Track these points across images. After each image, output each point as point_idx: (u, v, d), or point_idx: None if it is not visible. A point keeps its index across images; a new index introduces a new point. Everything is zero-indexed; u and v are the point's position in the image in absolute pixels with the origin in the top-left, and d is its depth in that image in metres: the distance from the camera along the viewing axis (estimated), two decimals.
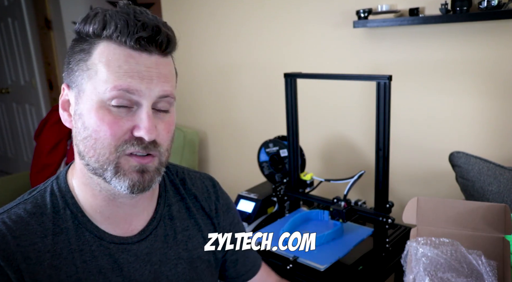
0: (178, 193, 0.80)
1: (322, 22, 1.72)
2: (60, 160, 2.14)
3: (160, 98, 0.63)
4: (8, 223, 0.63)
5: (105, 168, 0.62)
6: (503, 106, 1.38)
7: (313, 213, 1.41)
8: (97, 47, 0.61)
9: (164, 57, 0.64)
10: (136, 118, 0.61)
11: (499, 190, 1.18)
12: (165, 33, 0.62)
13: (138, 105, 0.61)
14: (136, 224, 0.72)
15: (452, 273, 0.76)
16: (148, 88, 0.61)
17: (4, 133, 3.98)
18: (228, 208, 0.88)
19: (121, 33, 0.59)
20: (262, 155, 1.60)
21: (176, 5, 2.28)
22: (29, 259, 0.62)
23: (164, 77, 0.63)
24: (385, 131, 1.19)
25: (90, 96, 0.61)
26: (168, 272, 0.74)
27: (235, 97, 2.15)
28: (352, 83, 1.68)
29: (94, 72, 0.61)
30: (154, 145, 0.63)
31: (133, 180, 0.62)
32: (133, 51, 0.60)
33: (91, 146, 0.61)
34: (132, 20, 0.60)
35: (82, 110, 0.62)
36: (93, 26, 0.61)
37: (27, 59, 3.35)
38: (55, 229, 0.66)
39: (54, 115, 2.15)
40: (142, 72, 0.60)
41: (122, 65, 0.60)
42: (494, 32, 1.34)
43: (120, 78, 0.60)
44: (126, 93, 0.60)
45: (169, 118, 0.66)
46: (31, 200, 0.67)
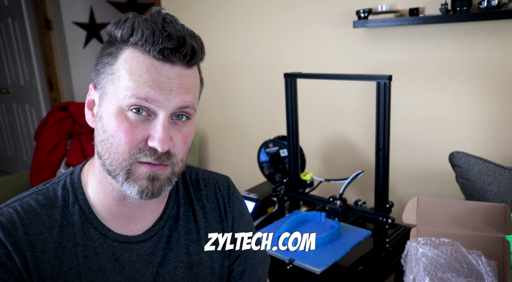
0: (187, 195, 0.80)
1: (322, 22, 1.72)
2: (60, 160, 2.14)
3: (179, 109, 0.63)
4: (19, 211, 0.66)
5: (118, 172, 0.63)
6: (503, 106, 1.38)
7: (310, 215, 1.40)
8: (123, 53, 0.62)
9: (188, 68, 0.64)
10: (152, 128, 0.62)
11: (499, 190, 1.18)
12: (190, 45, 0.62)
13: (155, 115, 0.62)
14: (142, 224, 0.72)
15: (452, 273, 0.76)
16: (166, 99, 0.61)
17: (4, 133, 3.98)
18: (240, 214, 0.84)
19: (146, 41, 0.60)
20: (262, 155, 1.60)
21: (176, 5, 2.28)
22: (34, 247, 0.64)
23: (185, 88, 0.63)
24: (385, 131, 1.19)
25: (111, 101, 0.62)
26: (165, 274, 0.73)
27: (235, 97, 2.15)
28: (352, 83, 1.68)
29: (117, 77, 0.62)
30: (167, 156, 0.63)
31: (143, 187, 0.63)
32: (156, 61, 0.61)
33: (107, 149, 0.63)
34: (159, 29, 0.60)
35: (102, 113, 0.64)
36: (122, 31, 0.62)
37: (27, 59, 3.35)
38: (63, 221, 0.68)
39: (54, 115, 2.15)
40: (163, 83, 0.61)
41: (144, 74, 0.60)
42: (494, 32, 1.34)
43: (140, 86, 0.60)
44: (144, 101, 0.60)
45: (188, 129, 0.66)
46: (44, 192, 0.70)
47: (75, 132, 2.13)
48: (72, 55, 3.11)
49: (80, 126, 2.12)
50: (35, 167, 2.13)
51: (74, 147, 2.12)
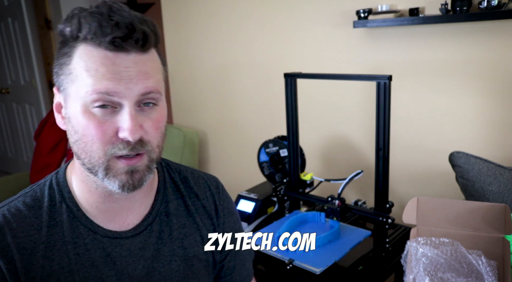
0: (177, 190, 0.80)
1: (322, 22, 1.72)
2: (60, 160, 2.14)
3: (143, 96, 0.62)
4: (7, 216, 0.66)
5: (97, 169, 0.63)
6: (503, 106, 1.38)
7: (310, 215, 1.40)
8: (76, 51, 0.61)
9: (144, 53, 0.62)
10: (120, 119, 0.61)
11: (499, 190, 1.18)
12: (140, 30, 0.60)
13: (121, 106, 0.61)
14: (131, 219, 0.73)
15: (452, 273, 0.76)
16: (127, 88, 0.60)
17: (4, 133, 3.98)
18: (230, 212, 0.86)
19: (95, 35, 0.59)
20: (262, 155, 1.60)
21: (176, 5, 2.28)
22: (24, 250, 0.65)
23: (144, 74, 0.62)
24: (385, 131, 1.19)
25: (75, 100, 0.62)
26: (161, 268, 0.74)
27: (235, 97, 2.15)
28: (352, 83, 1.68)
29: (75, 76, 0.61)
30: (141, 144, 0.63)
31: (123, 181, 0.64)
32: (109, 52, 0.60)
33: (82, 149, 0.63)
34: (106, 20, 0.59)
35: (70, 114, 0.64)
36: (70, 28, 0.61)
37: (27, 59, 3.35)
38: (50, 221, 0.68)
39: (54, 115, 2.15)
40: (120, 73, 0.60)
41: (99, 68, 0.59)
42: (494, 32, 1.34)
43: (98, 81, 0.59)
44: (106, 95, 0.60)
45: (157, 114, 0.65)
46: (31, 193, 0.70)
47: None
48: None
49: None
50: (35, 167, 2.13)
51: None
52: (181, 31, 2.30)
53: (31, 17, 3.21)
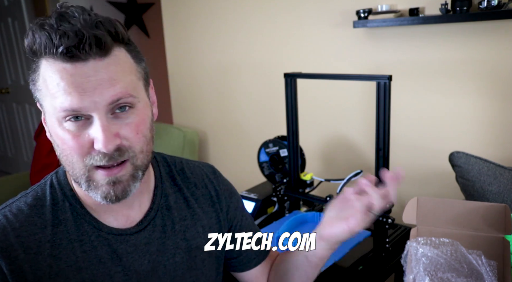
0: (175, 184, 0.80)
1: (322, 22, 1.72)
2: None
3: (112, 104, 0.59)
4: (9, 216, 0.66)
5: (79, 181, 0.63)
6: (503, 106, 1.38)
7: (309, 215, 1.40)
8: (40, 66, 0.59)
9: (104, 57, 0.58)
10: (93, 131, 0.59)
11: (499, 190, 1.18)
12: (91, 34, 0.56)
13: (91, 117, 0.59)
14: (134, 216, 0.73)
15: (452, 273, 0.76)
16: (92, 101, 0.57)
17: (4, 133, 3.98)
18: (231, 193, 0.87)
19: (47, 48, 0.56)
20: (262, 155, 1.60)
21: (176, 5, 2.28)
22: (29, 249, 0.64)
23: (108, 81, 0.58)
24: (385, 131, 1.19)
25: (50, 116, 0.61)
26: (166, 262, 0.75)
27: (235, 97, 2.15)
28: (352, 83, 1.68)
29: (44, 93, 0.60)
30: (119, 154, 0.61)
31: (105, 193, 0.62)
32: (66, 64, 0.57)
33: (65, 161, 0.63)
34: (54, 31, 0.56)
35: (50, 128, 0.64)
36: (29, 44, 0.59)
37: (27, 59, 3.34)
38: (54, 220, 0.68)
39: None
40: (81, 85, 0.57)
41: (60, 82, 0.57)
42: (494, 32, 1.34)
43: (62, 97, 0.57)
44: (72, 111, 0.58)
45: (136, 118, 0.62)
46: (32, 193, 0.70)
47: None
48: None
49: None
50: (35, 167, 2.13)
51: None
52: (181, 31, 2.30)
53: (31, 17, 3.21)
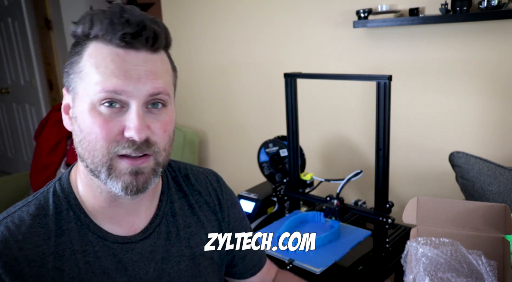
0: (180, 190, 0.80)
1: (322, 22, 1.72)
2: (60, 160, 2.14)
3: (152, 97, 0.62)
4: (11, 227, 0.63)
5: (99, 169, 0.62)
6: (503, 106, 1.38)
7: (310, 215, 1.40)
8: (87, 48, 0.61)
9: (154, 53, 0.62)
10: (127, 118, 0.60)
11: (499, 190, 1.18)
12: (151, 28, 0.60)
13: (128, 105, 0.61)
14: (138, 223, 0.72)
15: (452, 273, 0.76)
16: (136, 88, 0.60)
17: (4, 133, 3.98)
18: (233, 203, 0.87)
19: (106, 31, 0.59)
20: (262, 156, 1.60)
21: (176, 5, 2.28)
22: (33, 262, 0.62)
23: (153, 74, 0.61)
24: (385, 131, 1.19)
25: (82, 98, 0.61)
26: (170, 270, 0.73)
27: (235, 97, 2.15)
28: (352, 83, 1.68)
29: (85, 74, 0.61)
30: (147, 145, 0.61)
31: (126, 182, 0.62)
32: (120, 49, 0.60)
33: (86, 148, 0.62)
34: (117, 17, 0.59)
35: (77, 113, 0.63)
36: (82, 27, 0.61)
37: (27, 59, 3.35)
38: (57, 230, 0.65)
39: (54, 115, 2.15)
40: (129, 71, 0.59)
41: (109, 64, 0.59)
42: (494, 32, 1.34)
43: (107, 79, 0.59)
44: (114, 94, 0.59)
45: (166, 116, 0.64)
46: (34, 202, 0.67)
47: None
48: None
49: None
50: (35, 167, 2.13)
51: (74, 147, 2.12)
52: (181, 31, 2.30)
53: (31, 17, 3.21)
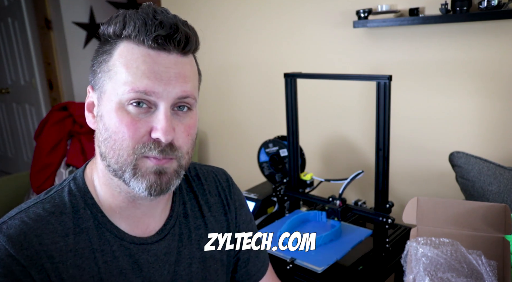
0: (191, 190, 0.80)
1: (322, 22, 1.72)
2: (60, 160, 2.14)
3: (180, 99, 0.62)
4: (28, 222, 0.62)
5: (124, 169, 0.62)
6: (503, 106, 1.38)
7: (311, 214, 1.40)
8: (118, 48, 0.62)
9: (184, 56, 0.63)
10: (154, 119, 0.61)
11: (499, 190, 1.18)
12: (183, 31, 0.61)
13: (156, 106, 0.61)
14: (154, 225, 0.72)
15: (452, 273, 0.76)
16: (166, 90, 0.60)
17: (4, 133, 3.97)
18: (241, 204, 0.87)
19: (139, 32, 0.60)
20: (262, 156, 1.60)
21: (176, 5, 2.28)
22: (52, 258, 0.62)
23: (183, 77, 0.62)
24: (385, 131, 1.19)
25: (110, 97, 0.62)
26: (182, 272, 0.74)
27: (235, 97, 2.15)
28: (352, 83, 1.68)
29: (114, 73, 0.61)
30: (171, 148, 0.62)
31: (150, 182, 0.62)
32: (151, 50, 0.60)
33: (111, 147, 0.62)
34: (151, 19, 0.60)
35: (103, 112, 0.63)
36: (114, 27, 0.62)
37: (27, 59, 3.35)
38: (76, 228, 0.65)
39: (54, 115, 2.15)
40: (160, 73, 0.60)
41: (140, 65, 0.60)
42: (494, 32, 1.34)
43: (138, 79, 0.60)
44: (144, 94, 0.60)
45: (190, 120, 0.65)
46: (49, 200, 0.67)
47: (75, 132, 2.13)
48: (72, 55, 3.11)
49: (80, 126, 2.12)
50: (35, 167, 2.13)
51: (74, 147, 2.12)
52: None
53: (31, 17, 3.21)
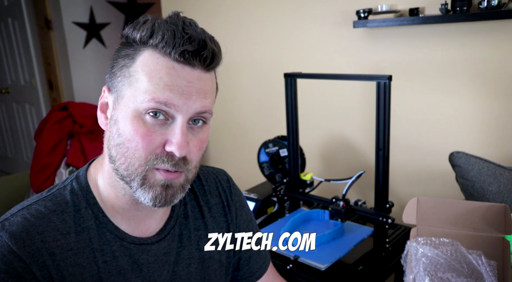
0: (192, 191, 0.80)
1: (322, 22, 1.72)
2: (60, 160, 2.14)
3: (198, 114, 0.62)
4: (30, 219, 0.63)
5: (133, 178, 0.62)
6: (503, 106, 1.38)
7: (314, 213, 1.41)
8: (142, 55, 0.61)
9: (207, 72, 0.63)
10: (170, 132, 0.61)
11: (499, 190, 1.18)
12: (210, 48, 0.61)
13: (174, 119, 0.61)
14: (154, 226, 0.72)
15: (452, 273, 0.76)
16: (185, 104, 0.60)
17: (4, 133, 3.98)
18: (241, 205, 0.87)
19: (167, 43, 0.59)
20: (262, 156, 1.60)
21: (176, 5, 2.28)
22: (54, 255, 0.62)
23: (204, 93, 0.62)
24: (385, 131, 1.19)
25: (127, 104, 0.61)
26: (181, 272, 0.74)
27: (235, 97, 2.15)
28: (352, 83, 1.68)
29: (135, 79, 0.61)
30: (184, 162, 0.63)
31: (156, 193, 0.62)
32: (176, 64, 0.60)
33: (122, 154, 0.62)
34: (180, 32, 0.59)
35: (118, 116, 0.63)
36: (141, 33, 0.61)
37: (27, 59, 3.35)
38: (77, 227, 0.66)
39: (54, 115, 2.15)
40: (182, 87, 0.60)
41: (164, 77, 0.59)
42: (494, 32, 1.34)
43: (159, 90, 0.59)
44: (163, 106, 0.59)
45: (203, 135, 0.65)
46: (51, 198, 0.67)
47: (75, 132, 2.13)
48: (72, 55, 3.11)
49: (80, 126, 2.12)
50: (35, 167, 2.13)
51: (74, 147, 2.12)
52: None
53: (31, 17, 3.21)
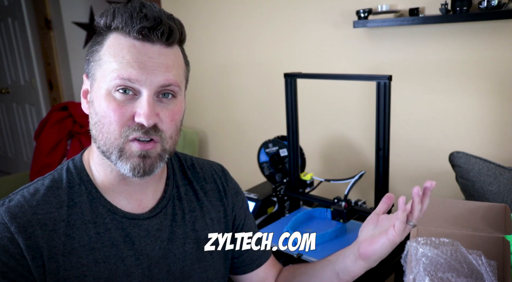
0: (186, 177, 0.84)
1: (322, 22, 1.72)
2: (60, 160, 2.14)
3: (163, 87, 0.67)
4: (26, 195, 0.70)
5: (111, 151, 0.67)
6: (503, 106, 1.38)
7: (316, 211, 1.41)
8: (108, 39, 0.67)
9: (168, 47, 0.68)
10: (138, 105, 0.66)
11: (499, 190, 1.18)
12: (167, 24, 0.66)
13: (140, 93, 0.66)
14: (146, 203, 0.76)
15: (452, 273, 0.76)
16: (149, 78, 0.65)
17: (4, 133, 3.97)
18: (237, 192, 0.91)
19: (126, 24, 0.65)
20: (262, 156, 1.60)
21: (176, 4, 2.28)
22: (45, 226, 0.68)
23: (166, 66, 0.67)
24: (385, 131, 1.19)
25: (100, 84, 0.67)
26: (176, 250, 0.77)
27: (235, 97, 2.15)
28: (352, 83, 1.68)
29: (104, 62, 0.67)
30: (155, 130, 0.67)
31: (134, 164, 0.67)
32: (136, 41, 0.65)
33: (100, 130, 0.67)
34: (137, 12, 0.65)
35: (93, 97, 0.69)
36: (105, 19, 0.67)
37: (27, 59, 3.35)
38: (70, 202, 0.71)
39: (54, 115, 2.15)
40: (144, 62, 0.65)
41: (126, 55, 0.65)
42: (494, 32, 1.34)
43: (123, 67, 0.65)
44: (128, 82, 0.65)
45: (175, 107, 0.69)
46: (49, 177, 0.74)
47: (75, 132, 2.13)
48: (72, 55, 3.11)
49: (80, 126, 2.12)
50: (35, 167, 2.13)
51: (74, 147, 2.12)
52: None
53: (31, 17, 3.21)
